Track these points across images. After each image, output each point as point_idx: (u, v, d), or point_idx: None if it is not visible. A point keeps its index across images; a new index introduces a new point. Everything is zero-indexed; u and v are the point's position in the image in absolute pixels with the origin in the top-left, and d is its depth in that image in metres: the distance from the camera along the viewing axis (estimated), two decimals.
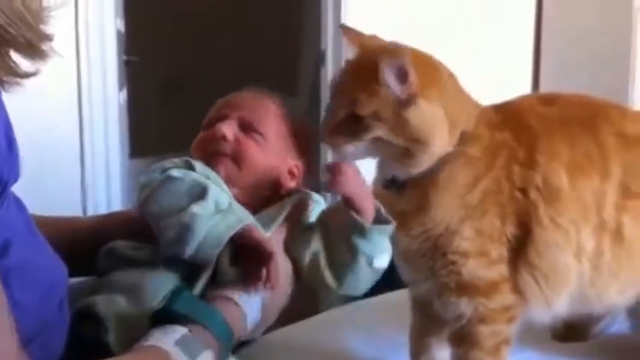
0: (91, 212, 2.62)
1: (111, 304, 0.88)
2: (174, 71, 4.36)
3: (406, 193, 0.95)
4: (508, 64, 3.18)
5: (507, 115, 0.98)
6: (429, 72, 0.91)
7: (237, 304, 0.89)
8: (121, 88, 2.81)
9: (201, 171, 0.98)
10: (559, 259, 0.94)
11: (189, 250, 0.88)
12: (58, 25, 0.73)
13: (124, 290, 0.90)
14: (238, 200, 0.98)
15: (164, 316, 0.84)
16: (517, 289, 0.95)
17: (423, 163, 0.91)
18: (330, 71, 2.94)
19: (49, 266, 0.80)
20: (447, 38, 2.98)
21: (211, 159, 1.03)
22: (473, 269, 0.93)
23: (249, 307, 0.90)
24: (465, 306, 0.94)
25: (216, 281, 0.92)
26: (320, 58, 3.01)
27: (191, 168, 0.98)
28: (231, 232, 0.90)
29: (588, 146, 0.97)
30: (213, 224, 0.90)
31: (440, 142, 0.91)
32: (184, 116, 4.34)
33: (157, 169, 0.98)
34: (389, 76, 0.87)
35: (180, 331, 0.82)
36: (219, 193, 0.95)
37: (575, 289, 0.97)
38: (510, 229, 0.93)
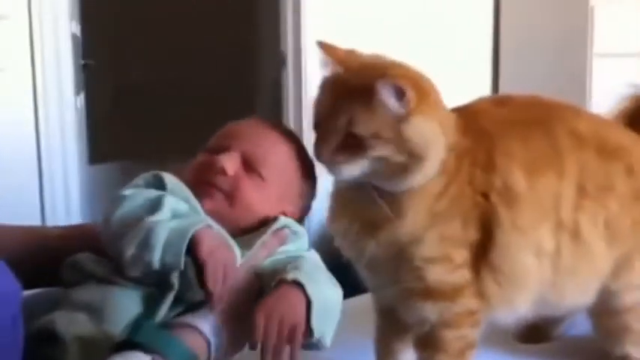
0: (50, 219, 2.57)
1: (71, 324, 0.86)
2: (131, 75, 4.30)
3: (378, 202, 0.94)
4: (467, 61, 3.22)
5: (467, 119, 0.98)
6: (421, 88, 0.92)
7: (201, 332, 0.86)
8: (78, 93, 2.76)
9: (172, 185, 0.97)
10: (520, 261, 0.95)
11: (155, 255, 0.86)
12: (11, 30, 0.70)
13: (86, 309, 0.88)
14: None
15: (126, 343, 0.82)
16: (480, 293, 0.96)
17: (419, 178, 0.91)
18: (290, 72, 2.93)
19: None
20: (404, 38, 3.01)
21: (204, 188, 0.99)
22: (438, 275, 0.93)
23: (214, 335, 0.88)
24: (429, 311, 0.94)
25: (185, 301, 0.90)
26: (280, 60, 3.00)
27: (161, 182, 0.96)
28: (195, 228, 0.88)
29: (544, 146, 0.98)
30: (174, 226, 0.88)
31: (437, 156, 0.91)
32: (142, 120, 4.34)
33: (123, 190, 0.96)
34: (387, 96, 0.88)
35: (142, 358, 0.80)
36: (176, 203, 0.93)
37: (536, 290, 0.98)
38: (472, 233, 0.94)
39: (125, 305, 0.89)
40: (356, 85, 0.91)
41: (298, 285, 0.89)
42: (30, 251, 0.98)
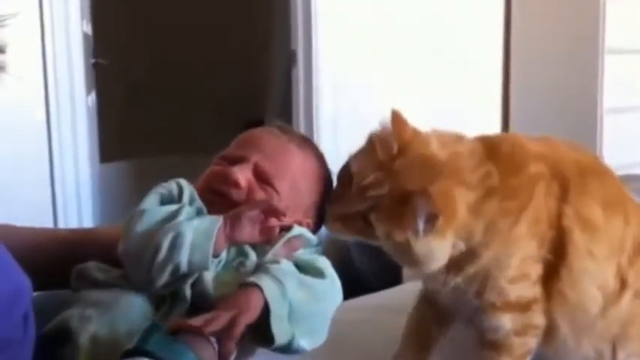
0: (61, 218, 2.58)
1: (83, 321, 0.86)
2: (142, 74, 4.31)
3: None
4: (477, 58, 3.21)
5: (531, 154, 1.01)
6: (452, 207, 0.92)
7: (209, 339, 0.85)
8: (89, 92, 2.77)
9: (189, 197, 0.98)
10: (587, 289, 0.99)
11: (184, 255, 0.87)
12: (22, 29, 0.70)
13: (96, 305, 0.89)
14: None
15: (136, 351, 0.82)
16: (546, 311, 1.00)
17: (424, 272, 0.96)
18: (301, 71, 2.93)
19: (8, 277, 0.77)
20: (414, 36, 3.00)
21: (216, 198, 1.00)
22: (519, 291, 0.98)
23: None
24: (506, 321, 0.99)
25: (198, 308, 0.90)
26: (291, 59, 3.00)
27: (181, 192, 0.98)
28: (218, 225, 0.90)
29: (615, 191, 1.05)
30: (197, 224, 0.90)
31: (438, 266, 0.94)
32: (153, 119, 4.35)
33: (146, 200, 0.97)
34: (419, 216, 0.89)
35: None
36: (192, 215, 0.94)
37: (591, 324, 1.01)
38: (545, 253, 0.98)
39: (136, 303, 0.89)
40: (396, 183, 0.93)
41: (256, 287, 0.89)
42: (38, 254, 0.99)
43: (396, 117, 0.98)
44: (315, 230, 1.06)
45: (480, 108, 3.17)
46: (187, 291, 0.89)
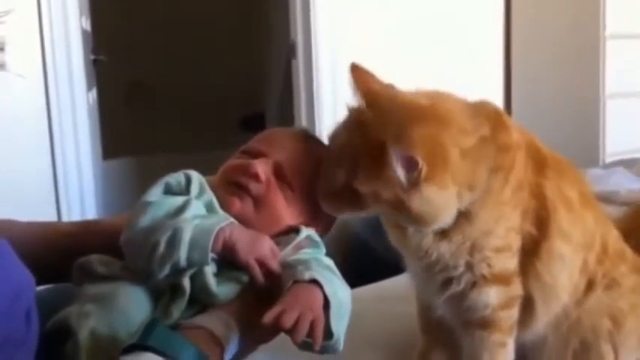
0: (64, 214, 2.59)
1: (82, 317, 0.86)
2: (143, 70, 4.32)
3: None
4: (478, 47, 3.20)
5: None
6: (438, 154, 0.85)
7: (213, 334, 0.86)
8: (89, 88, 2.77)
9: (197, 188, 0.97)
10: (559, 273, 0.98)
11: (183, 251, 0.86)
12: (21, 26, 0.70)
13: (95, 300, 0.88)
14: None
15: (137, 346, 0.82)
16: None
17: (434, 228, 0.91)
18: (301, 63, 2.92)
19: (10, 274, 0.77)
20: (414, 27, 2.99)
21: (234, 189, 0.98)
22: (502, 262, 0.95)
23: (227, 337, 0.87)
24: (493, 295, 0.96)
25: (198, 302, 0.90)
26: (290, 51, 2.99)
27: (189, 183, 0.97)
28: (220, 225, 0.89)
29: (586, 185, 1.03)
30: (199, 222, 0.89)
31: (447, 218, 0.89)
32: (154, 115, 4.36)
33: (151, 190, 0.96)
34: (396, 165, 0.83)
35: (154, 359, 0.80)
36: (200, 209, 0.94)
37: (558, 309, 1.01)
38: (528, 226, 0.96)
39: (135, 296, 0.89)
40: (369, 136, 0.86)
41: (316, 284, 0.89)
42: (42, 248, 0.99)
43: (356, 70, 0.91)
44: (322, 234, 1.06)
45: (482, 96, 3.16)
46: (187, 283, 0.89)
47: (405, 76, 0.93)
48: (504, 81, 3.30)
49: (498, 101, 3.27)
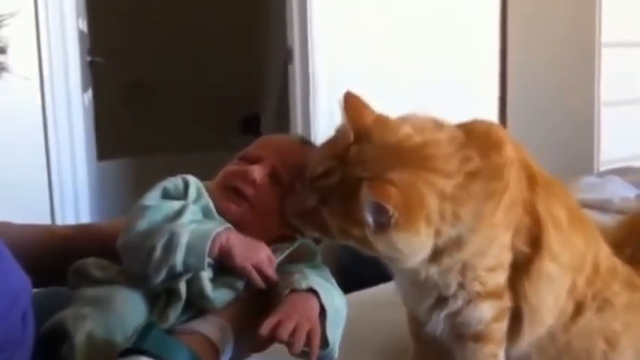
0: (59, 215, 2.57)
1: (78, 319, 0.86)
2: (139, 71, 4.31)
3: None
4: (475, 50, 3.20)
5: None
6: (416, 200, 0.84)
7: (209, 339, 0.87)
8: (85, 90, 2.77)
9: (194, 193, 0.97)
10: (546, 293, 0.98)
11: (179, 255, 0.87)
12: (18, 27, 0.71)
13: (91, 303, 0.89)
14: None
15: (133, 350, 0.82)
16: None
17: (404, 266, 0.90)
18: (297, 68, 2.92)
19: (9, 276, 0.77)
20: (410, 32, 3.00)
21: (231, 195, 0.99)
22: (495, 279, 0.96)
23: (222, 342, 0.88)
24: (487, 310, 0.97)
25: (194, 307, 0.91)
26: (288, 56, 2.99)
27: (186, 188, 0.97)
28: (217, 230, 0.90)
29: (575, 203, 1.04)
30: (195, 227, 0.90)
31: (417, 259, 0.88)
32: (150, 117, 4.35)
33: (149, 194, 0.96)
34: (367, 208, 0.82)
35: None
36: (197, 214, 0.94)
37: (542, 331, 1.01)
38: (520, 244, 0.96)
39: (132, 300, 0.90)
40: (348, 172, 0.85)
41: (313, 293, 0.89)
42: (37, 251, 0.99)
43: (351, 100, 0.89)
44: (318, 242, 1.06)
45: (478, 103, 3.16)
46: (183, 288, 0.89)
47: (401, 83, 0.93)
48: (500, 88, 3.30)
49: (493, 108, 3.28)
